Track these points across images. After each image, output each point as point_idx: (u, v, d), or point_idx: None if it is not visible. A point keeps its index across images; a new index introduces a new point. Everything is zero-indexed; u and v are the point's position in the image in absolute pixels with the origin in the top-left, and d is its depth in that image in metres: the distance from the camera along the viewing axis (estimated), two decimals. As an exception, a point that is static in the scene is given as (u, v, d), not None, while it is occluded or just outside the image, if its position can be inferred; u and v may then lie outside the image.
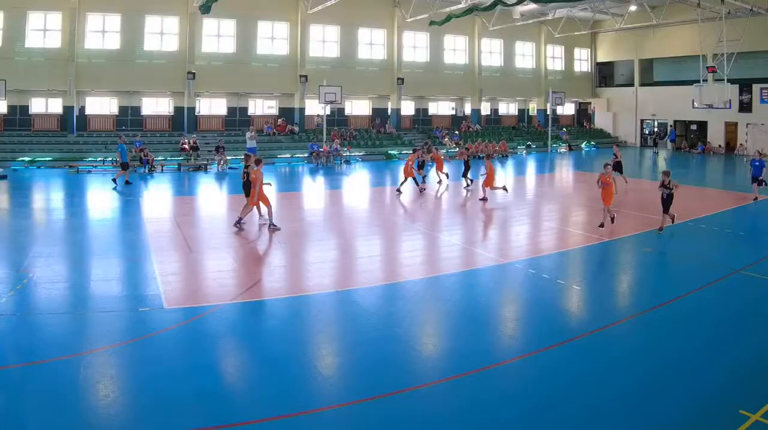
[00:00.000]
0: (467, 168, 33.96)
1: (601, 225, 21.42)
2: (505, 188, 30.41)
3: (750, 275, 16.47)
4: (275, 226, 21.50)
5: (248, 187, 22.16)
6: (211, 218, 25.67)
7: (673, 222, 22.05)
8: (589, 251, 19.49)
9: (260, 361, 11.01)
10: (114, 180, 32.78)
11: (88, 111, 47.83)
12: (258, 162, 22.20)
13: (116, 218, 24.51)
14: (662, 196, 21.67)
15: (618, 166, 32.38)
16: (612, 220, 21.92)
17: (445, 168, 36.14)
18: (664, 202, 21.67)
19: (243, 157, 26.57)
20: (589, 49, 69.49)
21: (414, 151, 34.32)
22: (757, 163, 29.61)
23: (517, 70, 64.30)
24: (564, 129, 65.59)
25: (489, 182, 28.88)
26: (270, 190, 23.17)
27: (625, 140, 64.68)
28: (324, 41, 53.94)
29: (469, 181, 33.53)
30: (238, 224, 21.65)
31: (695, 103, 50.55)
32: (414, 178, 31.93)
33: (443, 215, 26.47)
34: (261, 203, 22.04)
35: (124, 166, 33.78)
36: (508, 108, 67.60)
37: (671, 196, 21.48)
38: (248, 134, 44.44)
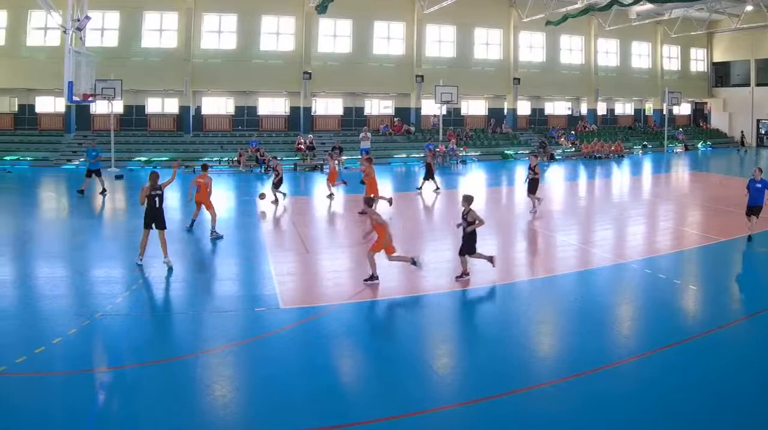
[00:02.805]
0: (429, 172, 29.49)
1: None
2: (389, 200, 24.29)
3: None
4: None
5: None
6: (327, 218, 24.13)
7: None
8: (706, 251, 18.18)
9: (375, 361, 10.36)
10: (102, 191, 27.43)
11: (204, 111, 44.60)
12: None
13: (232, 218, 22.57)
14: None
15: (533, 185, 23.71)
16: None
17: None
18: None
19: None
20: (705, 49, 61.74)
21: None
22: (758, 186, 18.82)
23: (633, 70, 57.28)
24: (680, 129, 58.46)
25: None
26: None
27: (742, 139, 56.95)
28: (440, 41, 49.02)
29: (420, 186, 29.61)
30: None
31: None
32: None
33: (559, 216, 24.15)
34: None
35: (89, 173, 27.49)
36: (624, 108, 60.56)
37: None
38: (362, 134, 41.84)
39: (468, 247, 14.53)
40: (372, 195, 21.24)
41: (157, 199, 15.27)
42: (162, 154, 38.28)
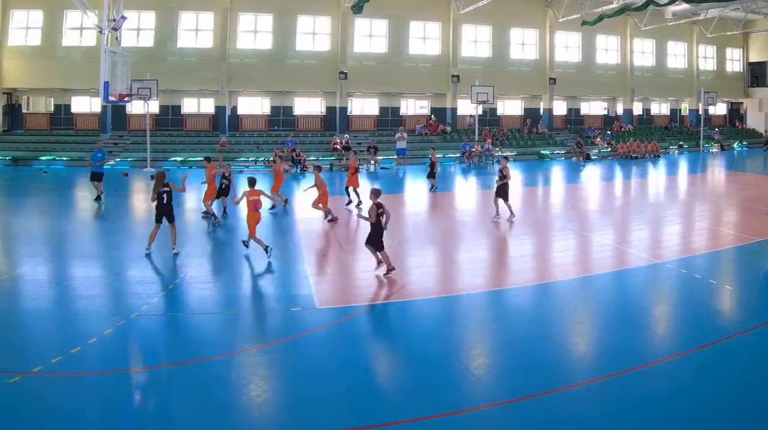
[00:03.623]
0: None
1: None
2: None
3: None
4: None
5: None
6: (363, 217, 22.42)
7: None
8: (741, 251, 17.41)
9: (411, 361, 9.93)
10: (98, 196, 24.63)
11: (240, 111, 43.38)
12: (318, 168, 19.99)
13: (267, 218, 21.02)
14: None
15: (502, 190, 21.36)
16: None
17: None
18: None
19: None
20: (741, 49, 59.32)
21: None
22: None
23: (669, 70, 55.15)
24: (716, 129, 56.44)
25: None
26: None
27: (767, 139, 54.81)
28: (476, 41, 47.31)
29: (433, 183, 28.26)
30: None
31: None
32: None
33: (593, 216, 23.65)
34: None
35: (96, 177, 24.67)
36: (660, 108, 58.45)
37: None
38: (397, 135, 39.96)
39: (374, 241, 14.19)
40: (320, 205, 20.69)
41: (165, 195, 15.90)
42: (197, 154, 36.82)
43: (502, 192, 20.73)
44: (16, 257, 16.46)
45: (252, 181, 16.30)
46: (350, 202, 23.81)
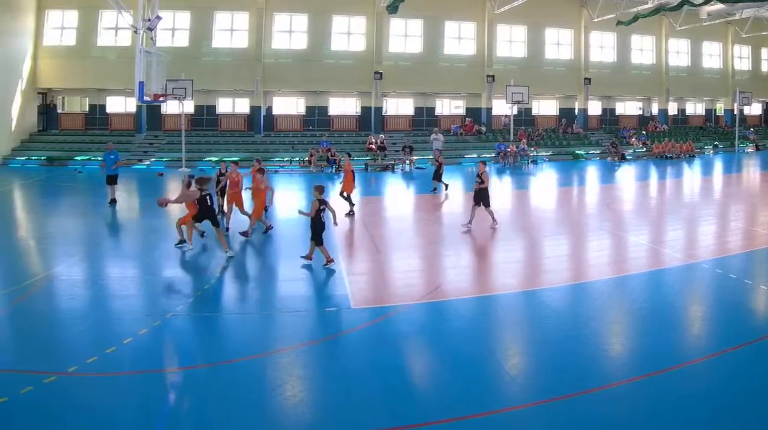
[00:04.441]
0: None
1: None
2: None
3: None
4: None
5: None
6: (399, 218, 22.90)
7: None
8: None
9: (446, 361, 9.54)
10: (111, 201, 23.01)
11: (275, 111, 42.17)
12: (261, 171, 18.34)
13: (303, 219, 19.94)
14: None
15: (481, 195, 19.99)
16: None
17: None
18: None
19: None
20: (777, 49, 57.37)
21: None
22: None
23: (704, 70, 53.30)
24: (751, 129, 54.51)
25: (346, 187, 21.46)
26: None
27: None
28: (511, 41, 45.82)
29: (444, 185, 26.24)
30: None
31: None
32: None
33: (628, 216, 22.94)
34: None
35: (108, 179, 22.99)
36: (695, 108, 56.65)
37: None
38: (433, 135, 38.45)
39: (315, 235, 14.10)
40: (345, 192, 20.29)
41: (209, 198, 15.49)
42: (233, 154, 35.66)
43: (481, 198, 18.77)
44: (52, 256, 16.00)
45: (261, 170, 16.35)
46: (352, 210, 21.42)
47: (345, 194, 21.20)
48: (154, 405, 7.93)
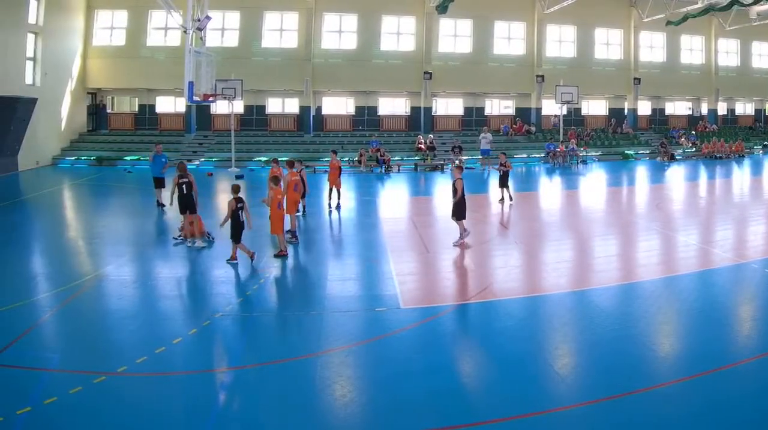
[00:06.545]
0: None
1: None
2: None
3: None
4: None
5: None
6: (447, 218, 21.05)
7: None
8: None
9: (495, 361, 9.22)
10: (158, 203, 21.44)
11: (325, 111, 39.82)
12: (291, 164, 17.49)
13: (353, 218, 20.90)
14: None
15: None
16: None
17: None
18: None
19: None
20: (827, 49, 53.46)
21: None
22: None
23: (754, 70, 49.69)
24: (801, 129, 50.71)
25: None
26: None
27: None
28: (560, 41, 42.82)
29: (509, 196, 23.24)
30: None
31: None
32: None
33: (678, 216, 22.00)
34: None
35: (157, 182, 21.44)
36: (744, 108, 53.12)
37: None
38: (481, 135, 35.98)
39: (233, 234, 13.81)
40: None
41: (184, 186, 15.54)
42: (282, 154, 33.07)
43: (458, 211, 16.16)
44: (101, 256, 15.36)
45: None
46: (339, 203, 21.46)
47: (335, 189, 21.18)
48: (204, 405, 7.66)
